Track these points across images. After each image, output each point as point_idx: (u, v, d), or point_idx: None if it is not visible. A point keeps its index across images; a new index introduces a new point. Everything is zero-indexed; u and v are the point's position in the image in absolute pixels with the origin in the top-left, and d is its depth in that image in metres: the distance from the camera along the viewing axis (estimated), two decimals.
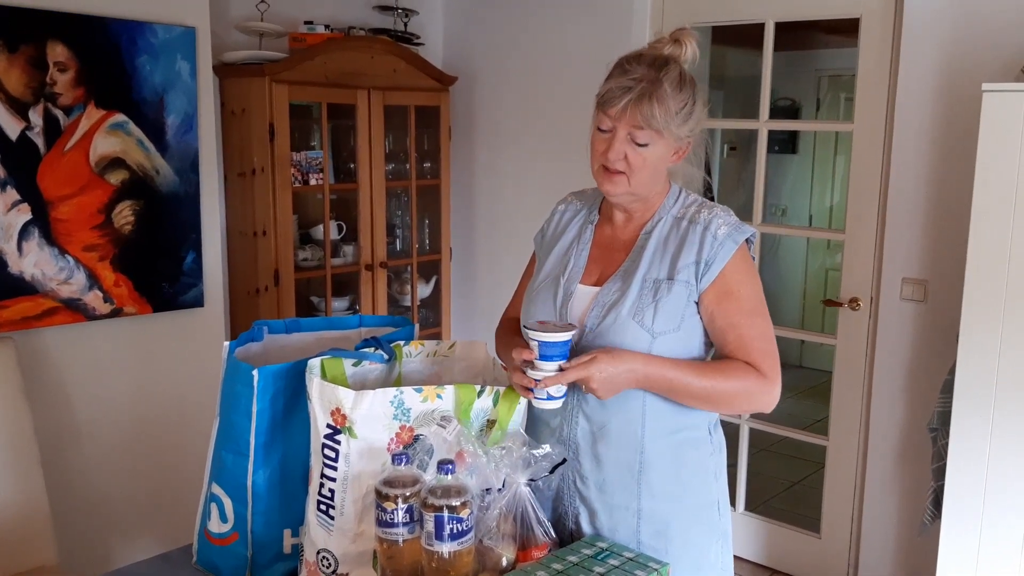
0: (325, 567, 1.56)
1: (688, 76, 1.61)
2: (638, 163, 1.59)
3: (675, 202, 1.69)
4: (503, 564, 1.51)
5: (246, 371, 1.60)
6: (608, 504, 1.66)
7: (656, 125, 1.55)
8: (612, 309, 1.61)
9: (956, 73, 2.82)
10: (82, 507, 2.85)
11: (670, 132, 1.57)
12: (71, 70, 2.66)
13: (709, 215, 1.63)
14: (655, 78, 1.55)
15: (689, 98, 1.58)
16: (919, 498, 3.01)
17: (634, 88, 1.54)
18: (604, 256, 1.71)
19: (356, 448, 1.52)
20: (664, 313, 1.59)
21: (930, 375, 2.96)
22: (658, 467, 1.64)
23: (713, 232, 1.60)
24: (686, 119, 1.59)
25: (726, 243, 1.59)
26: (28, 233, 2.62)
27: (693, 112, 1.60)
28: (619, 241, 1.71)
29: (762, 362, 1.58)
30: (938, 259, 2.93)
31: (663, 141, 1.58)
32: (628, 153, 1.58)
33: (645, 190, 1.64)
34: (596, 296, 1.65)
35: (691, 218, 1.65)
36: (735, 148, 6.47)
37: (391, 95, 3.62)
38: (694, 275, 1.60)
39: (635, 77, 1.55)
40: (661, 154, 1.60)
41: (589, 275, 1.71)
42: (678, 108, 1.56)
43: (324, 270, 3.53)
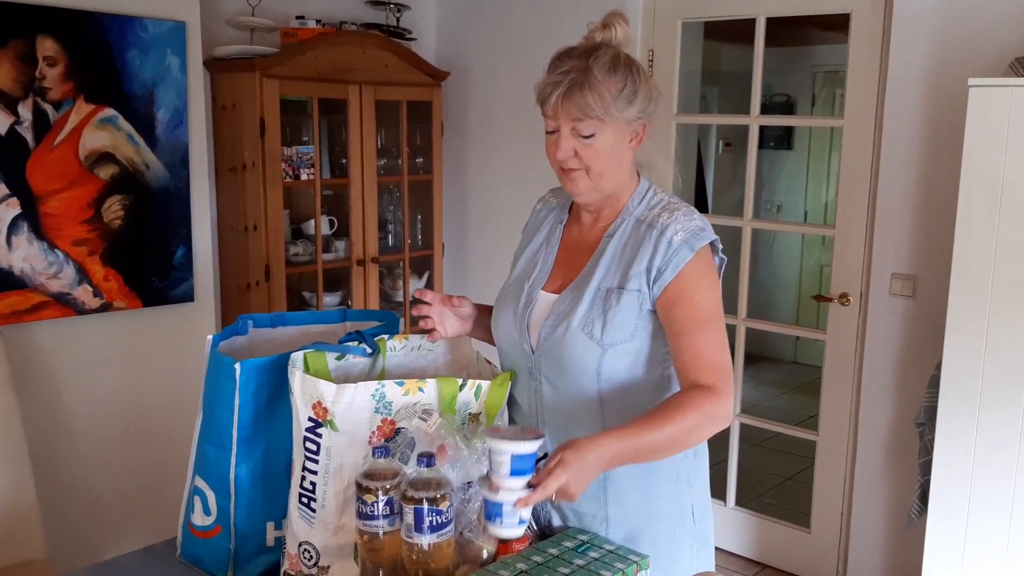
0: (307, 559, 1.57)
1: (624, 58, 1.56)
2: (590, 156, 1.56)
3: (640, 201, 1.65)
4: (484, 556, 1.52)
5: (228, 364, 1.61)
6: (576, 511, 1.67)
7: (593, 113, 1.52)
8: (563, 321, 1.59)
9: (945, 68, 2.83)
10: (71, 501, 2.85)
11: (613, 117, 1.53)
12: (60, 65, 2.66)
13: (668, 219, 1.58)
14: (584, 66, 1.52)
15: (627, 78, 1.54)
16: (908, 493, 3.01)
17: (563, 81, 1.52)
18: (569, 259, 1.69)
19: (337, 441, 1.53)
20: (614, 324, 1.56)
21: (919, 370, 2.96)
22: (623, 474, 1.62)
23: (668, 238, 1.55)
24: (629, 100, 1.54)
25: (681, 250, 1.54)
26: (17, 227, 2.63)
27: (637, 92, 1.55)
28: (584, 243, 1.68)
29: (713, 376, 1.49)
30: (927, 255, 2.94)
31: (610, 128, 1.54)
32: (577, 148, 1.56)
33: (610, 183, 1.61)
34: (552, 305, 1.64)
35: (651, 222, 1.60)
36: (730, 144, 6.47)
37: (383, 90, 3.62)
38: (646, 283, 1.56)
39: (564, 70, 1.53)
40: (612, 142, 1.56)
41: (553, 280, 1.68)
42: (616, 91, 1.52)
43: (315, 265, 3.53)
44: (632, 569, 1.48)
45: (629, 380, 1.59)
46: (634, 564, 1.49)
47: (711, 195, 6.29)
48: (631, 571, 1.48)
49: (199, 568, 1.71)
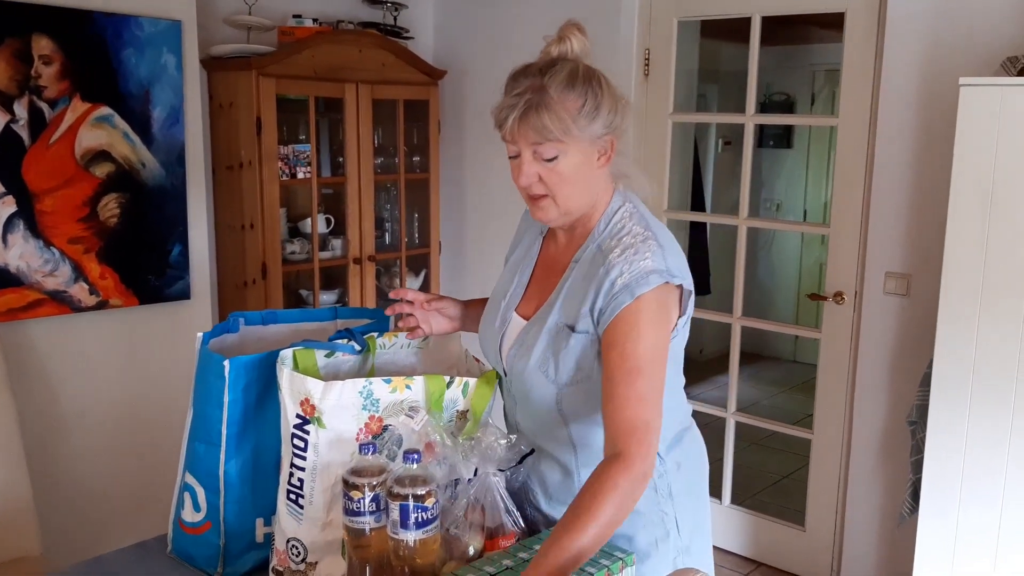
0: (295, 555, 1.58)
1: (583, 71, 1.48)
2: (555, 181, 1.48)
3: (606, 226, 1.55)
4: (470, 553, 1.52)
5: (217, 361, 1.62)
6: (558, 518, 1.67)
7: (552, 135, 1.44)
8: (524, 356, 1.57)
9: (938, 67, 2.83)
10: (66, 498, 2.87)
11: (575, 136, 1.45)
12: (56, 63, 2.68)
13: (618, 257, 1.48)
14: (540, 85, 1.44)
15: (586, 93, 1.45)
16: (901, 491, 3.02)
17: (518, 103, 1.44)
18: (544, 280, 1.64)
19: (325, 438, 1.54)
20: (567, 365, 1.52)
21: (912, 369, 2.97)
22: None
23: (612, 280, 1.47)
24: (591, 117, 1.46)
25: (620, 294, 1.45)
26: (13, 225, 2.64)
27: (599, 106, 1.46)
28: (558, 264, 1.62)
29: (625, 440, 1.38)
30: (921, 253, 2.94)
31: (574, 148, 1.46)
32: (541, 173, 1.48)
33: (580, 206, 1.54)
34: (519, 334, 1.61)
35: (605, 254, 1.51)
36: (730, 143, 6.47)
37: (380, 89, 3.63)
38: (592, 324, 1.50)
39: (518, 91, 1.45)
40: (578, 162, 1.48)
41: (527, 301, 1.65)
42: (575, 108, 1.44)
43: (312, 263, 3.54)
44: (617, 566, 1.49)
45: (592, 413, 1.56)
46: (619, 560, 1.49)
47: (710, 194, 6.29)
48: (616, 568, 1.48)
49: (189, 564, 1.72)
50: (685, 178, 4.72)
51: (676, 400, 1.69)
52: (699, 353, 6.15)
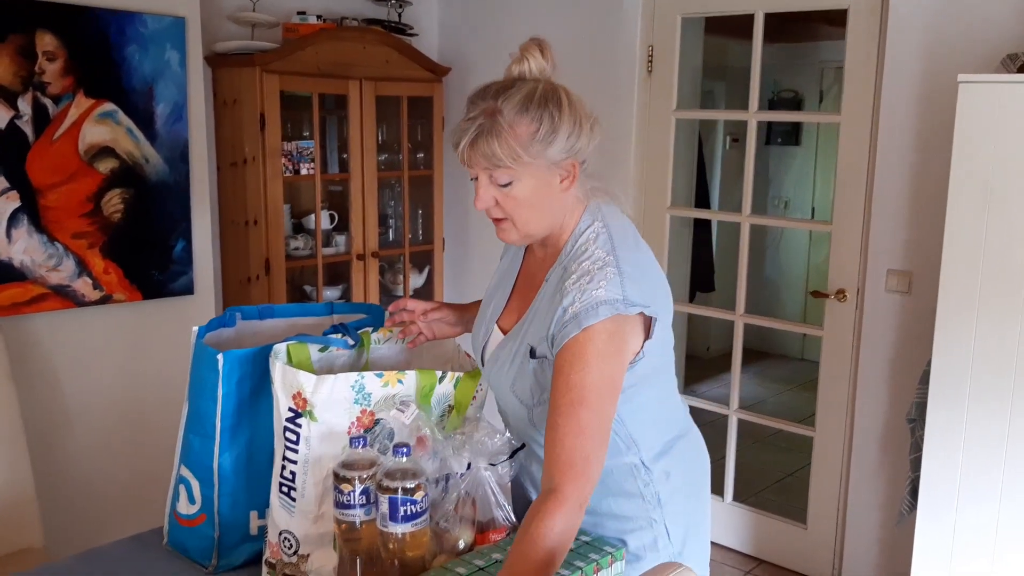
0: (287, 548, 1.59)
1: (540, 93, 1.42)
2: (511, 205, 1.45)
3: (573, 246, 1.52)
4: (460, 547, 1.53)
5: (211, 355, 1.63)
6: None
7: (502, 163, 1.40)
8: (498, 373, 1.59)
9: (939, 64, 2.82)
10: (69, 491, 2.89)
11: (526, 163, 1.41)
12: (60, 59, 2.70)
13: (573, 285, 1.45)
14: (492, 109, 1.40)
15: (541, 118, 1.40)
16: (902, 488, 3.01)
17: (470, 128, 1.40)
18: (525, 290, 1.63)
19: (317, 431, 1.55)
20: (532, 387, 1.53)
21: (913, 367, 2.96)
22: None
23: (564, 307, 1.44)
24: (547, 142, 1.41)
25: (569, 324, 1.42)
26: (17, 220, 2.66)
27: (556, 130, 1.41)
28: (536, 279, 1.60)
29: (560, 475, 1.37)
30: (922, 251, 2.93)
31: (528, 173, 1.42)
32: (498, 197, 1.45)
33: (540, 228, 1.51)
34: (496, 349, 1.61)
35: (564, 278, 1.48)
36: (737, 140, 6.45)
37: (383, 86, 3.64)
38: (548, 350, 1.48)
39: (472, 115, 1.41)
40: (534, 187, 1.44)
41: (508, 314, 1.65)
42: (528, 134, 1.40)
43: (316, 259, 3.56)
44: (606, 560, 1.50)
45: None
46: (608, 555, 1.50)
47: (718, 191, 6.28)
48: (605, 562, 1.49)
49: (184, 556, 1.74)
50: (689, 175, 4.71)
51: (667, 410, 1.68)
52: (705, 350, 6.14)
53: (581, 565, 1.46)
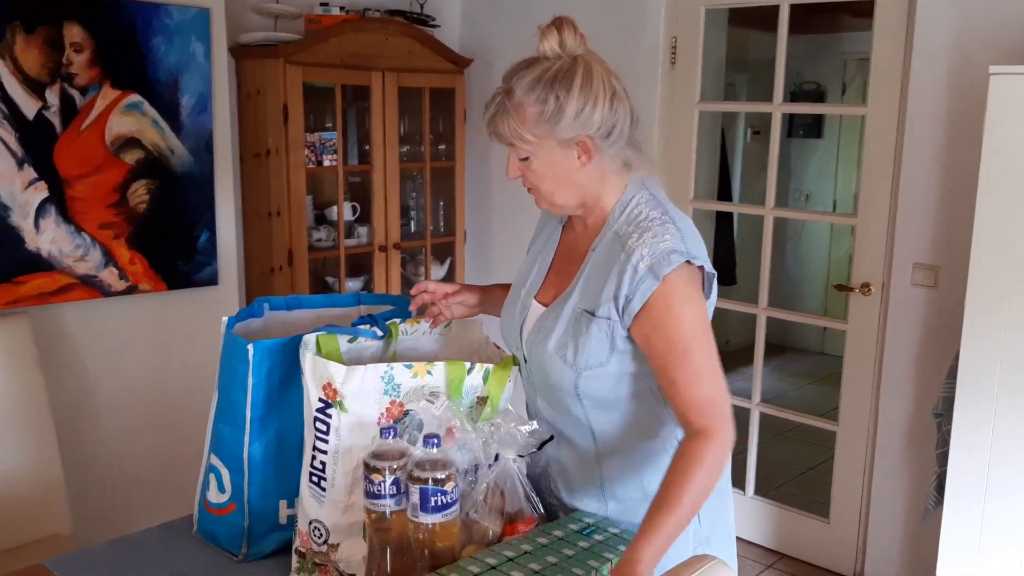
0: (317, 537, 1.60)
1: (551, 74, 1.45)
2: (532, 178, 1.53)
3: (621, 213, 1.55)
4: (489, 537, 1.54)
5: (242, 345, 1.64)
6: (579, 508, 1.68)
7: (512, 139, 1.48)
8: (543, 341, 1.58)
9: (968, 56, 2.79)
10: (96, 478, 2.92)
11: (530, 141, 1.47)
12: (87, 51, 2.71)
13: (637, 241, 1.49)
14: (508, 88, 1.47)
15: (546, 99, 1.44)
16: (926, 483, 3.00)
17: (490, 106, 1.49)
18: (563, 267, 1.65)
19: (347, 422, 1.55)
20: (587, 350, 1.52)
21: (939, 361, 2.94)
22: (619, 479, 1.62)
23: (634, 265, 1.47)
24: (554, 120, 1.45)
25: (646, 279, 1.45)
26: (45, 211, 2.68)
27: (563, 110, 1.44)
28: (576, 252, 1.63)
29: (701, 416, 1.43)
30: (949, 245, 2.91)
31: (545, 149, 1.48)
32: (522, 169, 1.54)
33: (568, 200, 1.56)
34: (538, 320, 1.62)
35: (624, 241, 1.51)
36: (758, 132, 6.42)
37: (406, 77, 3.64)
38: (615, 310, 1.49)
39: (493, 94, 1.49)
40: (550, 163, 1.50)
41: (546, 289, 1.66)
42: (534, 113, 1.45)
43: (338, 251, 3.57)
44: None
45: (611, 397, 1.57)
46: None
47: (739, 184, 6.25)
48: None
49: (214, 544, 1.75)
50: (712, 168, 4.70)
51: None
52: (725, 344, 6.09)
53: (611, 556, 1.47)
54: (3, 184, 2.60)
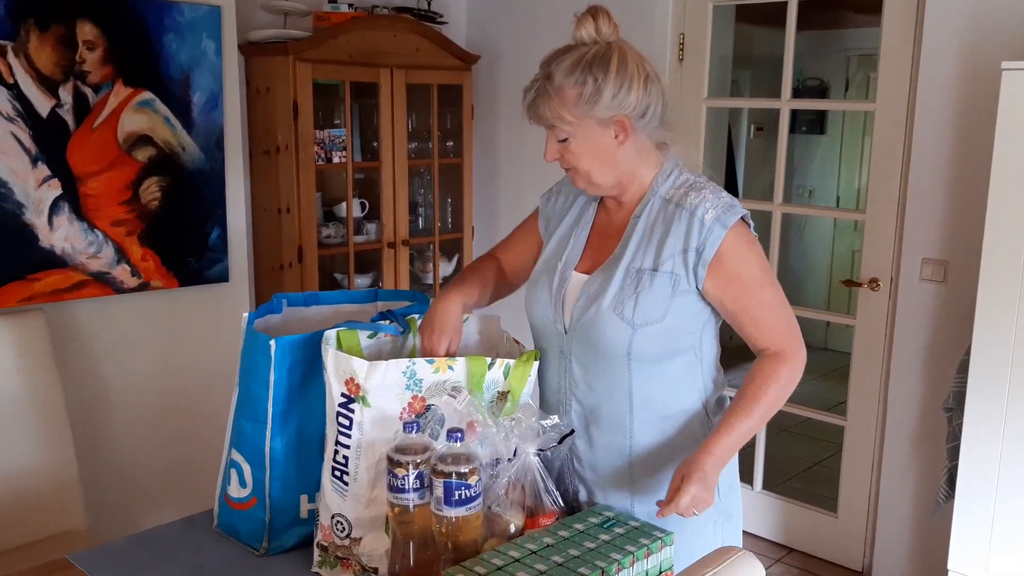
0: (339, 531, 1.61)
1: (589, 57, 1.55)
2: (571, 158, 1.61)
3: (665, 180, 1.65)
4: (511, 531, 1.55)
5: (264, 341, 1.65)
6: (603, 485, 1.70)
7: (553, 120, 1.56)
8: (595, 301, 1.62)
9: (977, 52, 2.81)
10: (110, 474, 2.93)
11: (570, 122, 1.55)
12: (99, 49, 2.72)
13: (697, 198, 1.59)
14: (547, 73, 1.57)
15: (585, 81, 1.53)
16: (935, 478, 3.01)
17: (530, 90, 1.59)
18: (599, 242, 1.71)
19: (369, 416, 1.57)
20: (645, 305, 1.58)
21: (948, 356, 2.95)
22: (649, 450, 1.66)
23: (700, 218, 1.57)
24: (592, 101, 1.53)
25: (714, 228, 1.56)
26: (58, 208, 2.69)
27: (601, 91, 1.53)
28: (612, 227, 1.70)
29: (779, 340, 1.60)
30: (958, 240, 2.92)
31: (584, 129, 1.56)
32: (561, 150, 1.61)
33: (606, 178, 1.62)
34: (583, 285, 1.66)
35: (678, 201, 1.61)
36: (761, 128, 6.43)
37: (414, 74, 3.65)
38: (682, 265, 1.58)
39: (535, 78, 1.59)
40: (591, 141, 1.58)
41: (584, 261, 1.71)
42: (574, 95, 1.53)
43: (347, 247, 3.58)
44: (657, 545, 1.51)
45: (660, 354, 1.62)
46: (659, 540, 1.52)
47: (742, 180, 6.26)
48: (656, 547, 1.51)
49: (235, 538, 1.76)
50: (718, 164, 4.71)
51: (716, 366, 1.75)
52: (729, 339, 6.13)
53: (632, 549, 1.48)
54: (17, 181, 2.61)
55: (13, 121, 2.58)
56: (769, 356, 1.60)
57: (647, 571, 1.50)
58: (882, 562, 3.27)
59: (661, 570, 1.52)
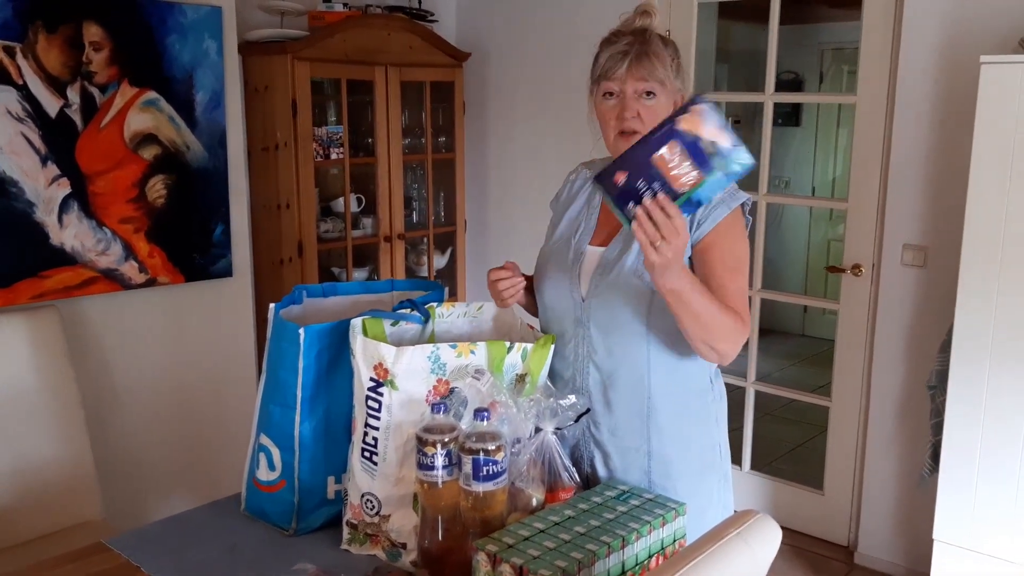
0: (369, 509, 1.69)
1: (666, 38, 1.78)
2: (650, 116, 1.72)
3: None
4: (533, 504, 1.64)
5: (293, 330, 1.72)
6: (620, 447, 1.80)
7: (658, 76, 1.71)
8: (615, 266, 1.74)
9: (956, 45, 2.92)
10: (124, 465, 2.99)
11: (668, 83, 1.73)
12: (106, 49, 2.77)
13: None
14: (643, 39, 1.73)
15: (674, 53, 1.76)
16: (918, 454, 3.14)
17: (630, 51, 1.71)
18: (611, 219, 1.81)
19: (397, 399, 1.64)
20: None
21: (929, 337, 3.08)
22: (664, 411, 1.77)
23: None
24: (677, 72, 1.76)
25: (719, 207, 1.70)
26: (68, 206, 2.75)
27: (680, 68, 1.77)
28: None
29: (736, 307, 1.67)
30: (937, 226, 3.05)
31: (665, 92, 1.73)
32: (640, 109, 1.73)
33: None
34: (602, 255, 1.78)
35: None
36: (739, 121, 6.55)
37: (407, 71, 3.72)
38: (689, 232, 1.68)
39: (625, 43, 1.73)
40: (665, 106, 1.73)
41: (598, 236, 1.83)
42: (670, 61, 1.74)
43: (345, 241, 3.65)
44: (671, 515, 1.60)
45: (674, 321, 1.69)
46: (673, 510, 1.61)
47: None
48: (670, 516, 1.60)
49: (263, 520, 1.83)
50: None
51: None
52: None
53: (648, 519, 1.57)
54: (28, 181, 2.66)
55: (23, 121, 2.63)
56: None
57: (662, 540, 1.59)
58: (868, 536, 3.40)
59: (676, 538, 1.62)
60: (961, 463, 2.64)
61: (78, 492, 2.55)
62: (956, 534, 2.69)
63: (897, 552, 3.30)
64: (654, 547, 1.56)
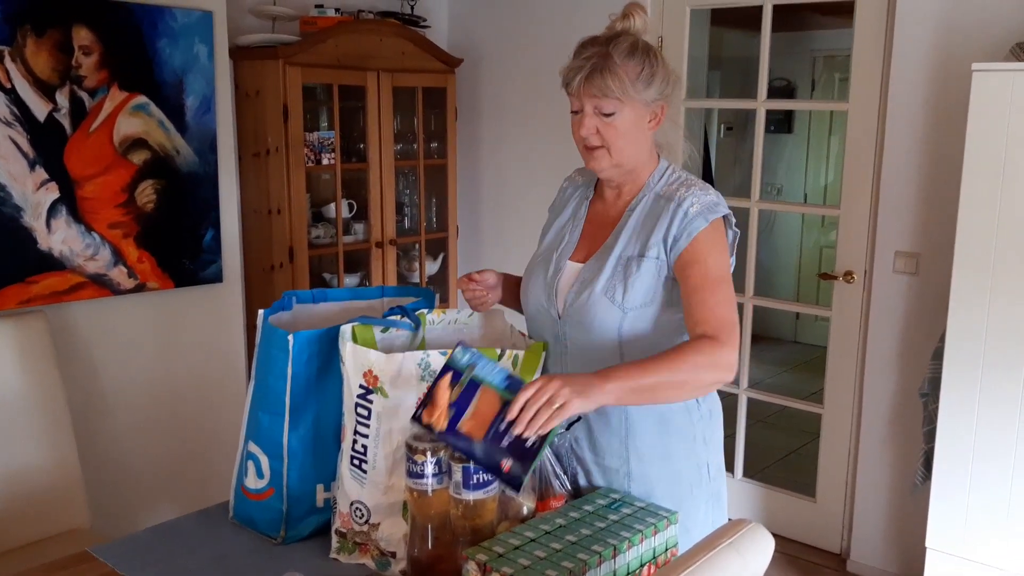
0: (358, 517, 1.68)
1: (642, 44, 1.69)
2: (611, 135, 1.69)
3: (660, 179, 1.77)
4: (524, 513, 1.63)
5: (281, 336, 1.71)
6: (601, 465, 1.79)
7: (612, 93, 1.65)
8: (588, 287, 1.72)
9: (948, 53, 2.93)
10: (111, 472, 2.97)
11: (631, 98, 1.66)
12: (95, 53, 2.76)
13: (685, 193, 1.70)
14: (604, 52, 1.66)
15: (643, 63, 1.66)
16: (910, 461, 3.14)
17: (585, 65, 1.66)
18: (594, 232, 1.81)
19: (387, 406, 1.63)
20: (635, 290, 1.68)
21: (921, 344, 3.08)
22: (643, 432, 1.75)
23: (685, 210, 1.68)
24: (647, 83, 1.67)
25: (696, 220, 1.67)
26: (56, 211, 2.73)
27: (654, 75, 1.67)
28: (608, 217, 1.80)
29: (717, 328, 1.59)
30: (929, 233, 3.05)
31: (628, 108, 1.67)
32: (599, 127, 1.69)
33: (629, 160, 1.73)
34: (578, 273, 1.77)
35: (669, 196, 1.72)
36: (731, 128, 6.57)
37: (399, 77, 3.71)
38: (664, 250, 1.68)
39: (586, 56, 1.67)
40: (631, 120, 1.68)
41: (579, 251, 1.81)
42: (634, 74, 1.65)
43: (336, 247, 3.63)
44: (663, 524, 1.59)
45: (648, 343, 1.70)
46: (664, 519, 1.60)
47: (714, 178, 6.38)
48: (661, 525, 1.59)
49: (251, 529, 1.81)
50: (695, 164, 4.81)
51: None
52: None
53: (640, 528, 1.56)
54: (16, 185, 2.64)
55: (11, 125, 2.61)
56: (701, 336, 1.59)
57: (654, 549, 1.58)
58: (860, 544, 3.39)
59: (667, 547, 1.61)
60: (954, 471, 2.64)
61: (65, 500, 2.53)
62: (949, 542, 2.68)
63: (890, 560, 3.30)
64: (646, 556, 1.55)
